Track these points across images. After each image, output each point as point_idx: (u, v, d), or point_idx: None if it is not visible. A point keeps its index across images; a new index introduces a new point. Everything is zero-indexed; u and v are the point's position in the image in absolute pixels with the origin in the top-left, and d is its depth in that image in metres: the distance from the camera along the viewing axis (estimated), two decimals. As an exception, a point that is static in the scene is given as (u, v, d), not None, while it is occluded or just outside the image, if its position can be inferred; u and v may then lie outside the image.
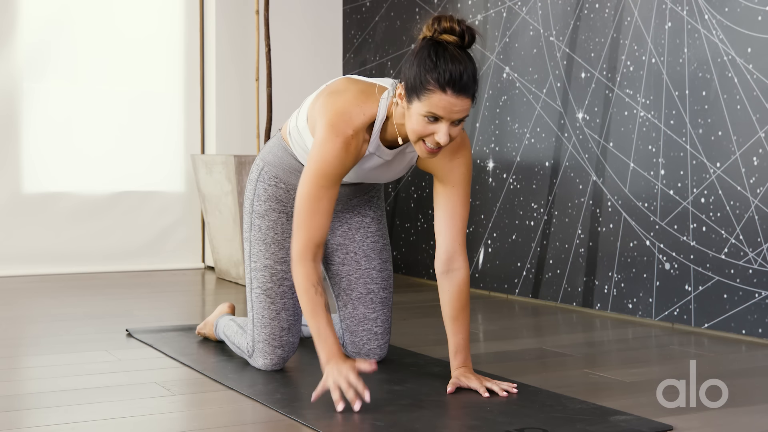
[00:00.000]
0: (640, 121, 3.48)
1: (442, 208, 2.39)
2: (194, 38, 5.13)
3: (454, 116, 2.12)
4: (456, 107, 2.12)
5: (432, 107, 2.11)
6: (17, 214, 4.76)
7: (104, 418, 2.12)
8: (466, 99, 2.12)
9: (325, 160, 2.23)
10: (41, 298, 4.09)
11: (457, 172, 2.36)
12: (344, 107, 2.25)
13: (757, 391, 2.46)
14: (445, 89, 2.10)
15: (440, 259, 2.39)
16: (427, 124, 2.14)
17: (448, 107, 2.11)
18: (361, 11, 5.13)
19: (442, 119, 2.13)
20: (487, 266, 4.22)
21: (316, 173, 2.24)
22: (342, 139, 2.23)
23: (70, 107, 4.87)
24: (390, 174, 2.46)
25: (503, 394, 2.30)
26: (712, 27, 3.22)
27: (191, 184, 5.12)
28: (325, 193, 2.25)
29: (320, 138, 2.25)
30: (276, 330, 2.55)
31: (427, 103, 2.11)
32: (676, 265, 3.34)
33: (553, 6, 3.87)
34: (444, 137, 2.14)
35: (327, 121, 2.24)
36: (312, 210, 2.25)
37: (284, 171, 2.54)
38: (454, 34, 2.13)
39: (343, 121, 2.24)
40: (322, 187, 2.24)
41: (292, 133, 2.47)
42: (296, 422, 2.09)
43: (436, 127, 2.14)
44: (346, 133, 2.23)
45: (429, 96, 2.11)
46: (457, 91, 2.10)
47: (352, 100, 2.27)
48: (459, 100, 2.11)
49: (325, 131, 2.24)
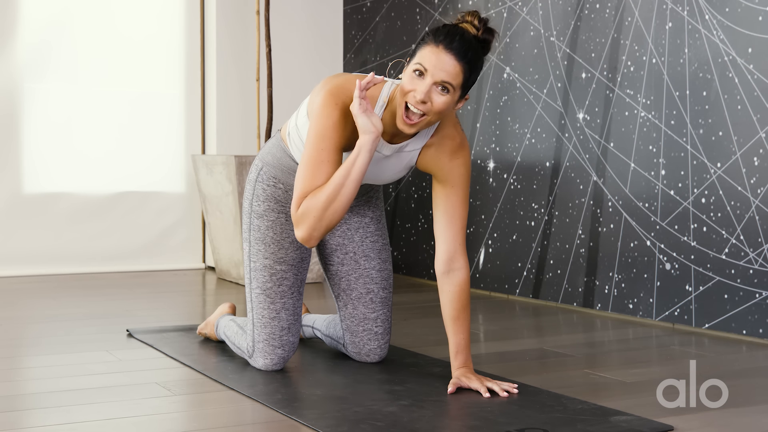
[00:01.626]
0: (640, 122, 3.48)
1: (441, 208, 2.39)
2: (195, 38, 5.13)
3: (437, 73, 2.16)
4: (443, 64, 2.16)
5: (421, 59, 2.18)
6: (18, 215, 4.76)
7: (105, 418, 2.12)
8: (456, 61, 2.17)
9: (323, 125, 2.25)
10: (42, 298, 4.09)
11: (456, 172, 2.37)
12: (344, 82, 2.30)
13: (758, 392, 2.46)
14: (437, 43, 2.17)
15: (440, 259, 2.39)
16: (413, 79, 2.19)
17: (434, 60, 2.16)
18: (362, 11, 5.13)
19: (426, 74, 2.17)
20: (487, 266, 4.22)
21: (315, 135, 2.25)
22: (340, 107, 2.26)
23: (70, 107, 4.87)
24: (388, 174, 2.46)
25: (504, 395, 2.30)
26: (712, 27, 3.22)
27: (192, 185, 5.12)
28: (327, 157, 2.24)
29: (318, 104, 2.27)
30: (276, 330, 2.55)
31: (419, 56, 2.19)
32: (677, 265, 3.34)
33: (553, 6, 3.87)
34: (421, 93, 2.17)
35: (326, 90, 2.28)
36: (313, 171, 2.24)
37: (282, 171, 2.54)
38: (472, 25, 2.22)
39: (342, 92, 2.28)
40: (322, 150, 2.24)
41: (291, 133, 2.48)
42: (297, 422, 2.09)
43: (419, 82, 2.18)
44: (345, 102, 2.26)
45: (422, 50, 2.19)
46: (448, 47, 2.16)
47: (351, 78, 2.31)
48: (448, 58, 2.16)
49: (324, 97, 2.27)
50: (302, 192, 2.25)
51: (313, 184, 2.24)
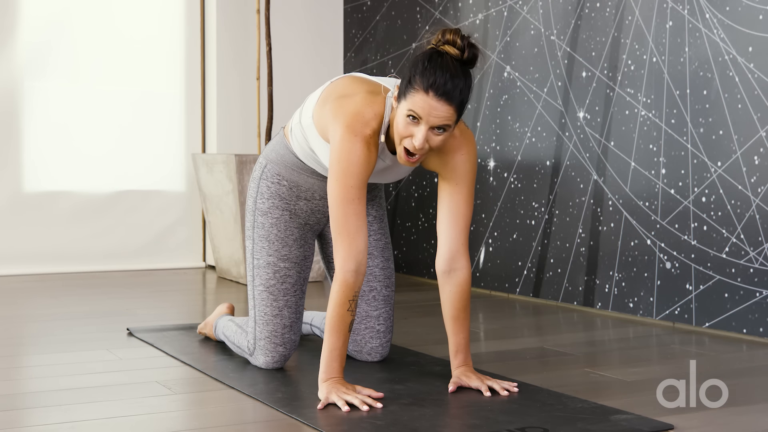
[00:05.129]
0: (641, 120, 3.48)
1: (445, 206, 2.37)
2: (195, 37, 5.13)
3: (432, 120, 2.14)
4: (436, 111, 2.13)
5: (413, 105, 2.14)
6: (18, 214, 4.76)
7: (105, 417, 2.12)
8: (448, 106, 2.14)
9: (349, 160, 2.21)
10: (42, 297, 4.09)
11: (462, 169, 2.35)
12: (357, 108, 2.25)
13: (758, 391, 2.46)
14: (427, 91, 2.13)
15: (442, 258, 2.38)
16: (408, 124, 2.17)
17: (427, 109, 2.13)
18: (362, 10, 5.12)
19: (421, 121, 2.15)
20: (488, 265, 4.22)
21: (343, 173, 2.21)
22: (361, 139, 2.22)
23: (71, 106, 4.87)
24: (393, 176, 2.46)
25: (504, 393, 2.30)
26: (713, 26, 3.22)
27: (192, 184, 5.12)
28: (356, 194, 2.22)
29: (339, 140, 2.23)
30: (278, 327, 2.55)
31: (410, 101, 2.15)
32: (677, 264, 3.34)
33: (554, 5, 3.87)
34: (419, 141, 2.15)
35: (343, 124, 2.23)
36: (347, 214, 2.21)
37: (286, 168, 2.54)
38: (455, 47, 2.17)
39: (359, 122, 2.23)
40: (351, 188, 2.21)
41: (293, 129, 2.47)
42: (297, 421, 2.09)
43: (415, 129, 2.16)
44: (364, 133, 2.23)
45: (413, 95, 2.15)
46: (439, 95, 2.12)
47: (362, 101, 2.27)
48: (440, 105, 2.13)
49: (344, 133, 2.23)
50: (341, 241, 2.21)
51: (349, 229, 2.20)
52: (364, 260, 2.22)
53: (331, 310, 2.21)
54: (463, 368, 2.37)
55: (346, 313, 2.21)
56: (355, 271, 2.20)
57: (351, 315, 2.21)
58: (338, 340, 2.22)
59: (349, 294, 2.20)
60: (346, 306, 2.20)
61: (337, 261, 2.22)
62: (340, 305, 2.20)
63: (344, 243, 2.21)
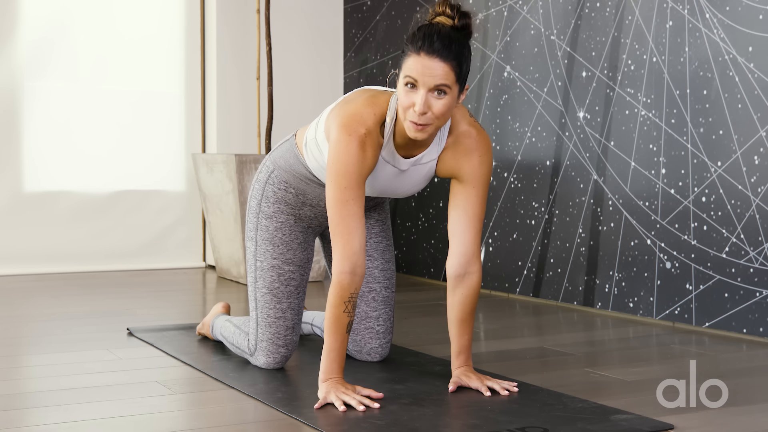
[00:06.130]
0: (641, 120, 3.48)
1: (460, 209, 2.34)
2: (195, 37, 5.13)
3: (428, 80, 2.12)
4: (429, 70, 2.12)
5: (407, 70, 2.14)
6: (18, 213, 4.76)
7: (105, 416, 2.12)
8: (441, 63, 2.12)
9: (341, 160, 2.20)
10: (42, 297, 4.09)
11: (478, 171, 2.32)
12: (355, 110, 2.25)
13: (758, 391, 2.46)
14: (419, 52, 2.13)
15: (455, 261, 2.35)
16: (407, 93, 2.15)
17: (420, 69, 2.12)
18: (362, 10, 5.12)
19: (418, 84, 2.13)
20: (488, 265, 4.22)
21: (336, 174, 2.21)
22: (356, 138, 2.21)
23: (71, 106, 4.87)
24: (408, 187, 2.41)
25: (504, 393, 2.30)
26: (713, 26, 3.22)
27: (192, 183, 5.12)
28: (351, 195, 2.20)
29: (334, 140, 2.23)
30: (281, 329, 2.55)
31: (405, 67, 2.15)
32: (677, 264, 3.34)
33: (554, 5, 3.87)
34: (420, 105, 2.12)
35: (339, 123, 2.23)
36: (342, 215, 2.20)
37: (295, 178, 2.53)
38: (445, 15, 2.18)
39: (355, 121, 2.22)
40: (345, 189, 2.20)
41: (309, 143, 2.43)
42: (297, 421, 2.09)
43: (414, 95, 2.14)
44: (359, 132, 2.21)
45: (406, 61, 2.15)
46: (430, 52, 2.12)
47: (362, 103, 2.27)
48: (432, 62, 2.12)
49: (338, 133, 2.22)
50: (338, 243, 2.20)
51: (344, 230, 2.19)
52: (360, 261, 2.20)
53: (328, 311, 2.21)
54: (464, 368, 2.37)
55: (342, 314, 2.20)
56: (350, 272, 2.19)
57: (348, 316, 2.21)
58: (336, 340, 2.22)
59: (345, 295, 2.20)
60: (342, 307, 2.20)
61: (333, 262, 2.22)
62: (335, 306, 2.20)
63: (340, 244, 2.20)
